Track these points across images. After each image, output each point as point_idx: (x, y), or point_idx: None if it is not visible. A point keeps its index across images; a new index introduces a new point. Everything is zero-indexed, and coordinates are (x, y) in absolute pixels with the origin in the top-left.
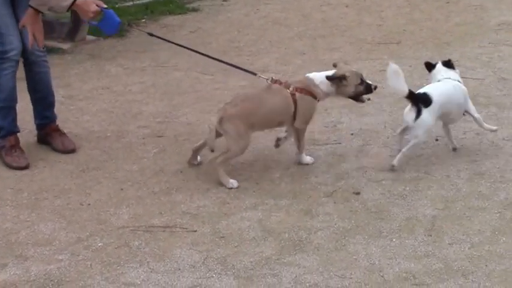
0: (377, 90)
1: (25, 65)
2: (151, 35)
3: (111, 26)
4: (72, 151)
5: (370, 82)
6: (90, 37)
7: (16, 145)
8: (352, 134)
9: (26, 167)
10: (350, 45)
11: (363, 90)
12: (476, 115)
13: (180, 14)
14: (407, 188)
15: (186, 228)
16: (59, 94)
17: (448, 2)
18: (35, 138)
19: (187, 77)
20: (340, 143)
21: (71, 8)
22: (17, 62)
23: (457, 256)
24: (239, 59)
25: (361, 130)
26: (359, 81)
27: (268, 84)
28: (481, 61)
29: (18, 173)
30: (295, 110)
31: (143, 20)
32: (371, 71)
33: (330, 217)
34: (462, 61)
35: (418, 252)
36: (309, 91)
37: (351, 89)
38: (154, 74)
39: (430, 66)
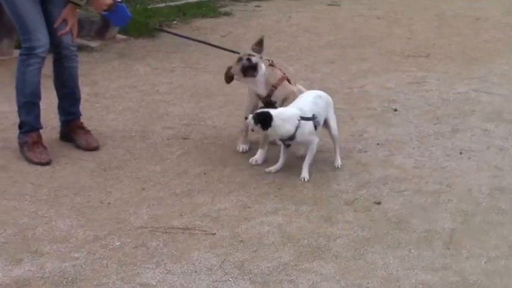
0: (404, 102)
1: (56, 60)
2: (156, 29)
3: (121, 19)
4: (95, 149)
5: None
6: (120, 36)
7: (39, 141)
8: (377, 144)
9: (47, 163)
10: (379, 56)
11: None
12: None
13: (212, 17)
14: (428, 200)
15: (205, 231)
16: (84, 92)
17: (477, 19)
18: (58, 135)
19: (216, 79)
20: (365, 152)
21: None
22: (44, 58)
23: (474, 270)
24: None
25: (387, 140)
26: None
27: None
28: (508, 78)
29: (40, 168)
30: None
31: (175, 22)
32: (399, 82)
33: (349, 225)
34: (489, 77)
35: (436, 265)
36: None
37: None
38: (183, 75)
39: None
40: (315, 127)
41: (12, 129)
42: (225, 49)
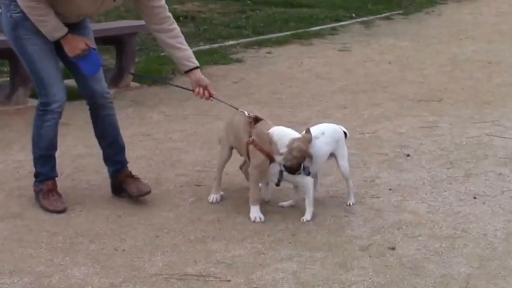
0: (416, 147)
1: (91, 110)
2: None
3: (93, 66)
4: (148, 193)
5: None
6: (134, 84)
7: (53, 189)
8: (390, 189)
9: (62, 211)
10: (391, 101)
11: None
12: None
13: (223, 64)
14: (444, 245)
15: (220, 278)
16: None
17: (489, 63)
18: (72, 182)
19: None
20: (378, 197)
21: (59, 39)
22: (60, 113)
23: None
24: (281, 110)
25: (399, 186)
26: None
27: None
28: None
29: (55, 216)
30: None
31: None
32: (412, 127)
33: (364, 271)
34: (502, 121)
35: None
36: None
37: None
38: (196, 122)
39: None
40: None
41: (27, 178)
42: (227, 104)
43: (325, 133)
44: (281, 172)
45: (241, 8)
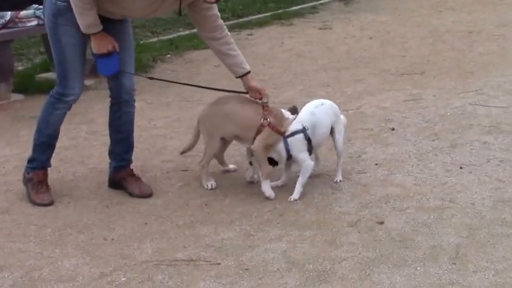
0: (401, 120)
1: (114, 104)
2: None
3: (109, 68)
4: (150, 196)
5: None
6: None
7: (44, 181)
8: (376, 164)
9: (50, 204)
10: (374, 76)
11: None
12: None
13: (204, 48)
14: (432, 217)
15: (210, 261)
16: (83, 130)
17: (470, 32)
18: (59, 174)
19: None
20: (364, 173)
21: (90, 35)
22: (71, 105)
23: (482, 284)
24: None
25: (385, 160)
26: None
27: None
28: (504, 89)
29: (43, 209)
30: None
31: (168, 56)
32: (395, 101)
33: (354, 247)
34: (485, 89)
35: (443, 281)
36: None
37: None
38: (179, 108)
39: None
40: (308, 140)
41: (13, 173)
42: (231, 91)
43: (324, 104)
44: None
45: None
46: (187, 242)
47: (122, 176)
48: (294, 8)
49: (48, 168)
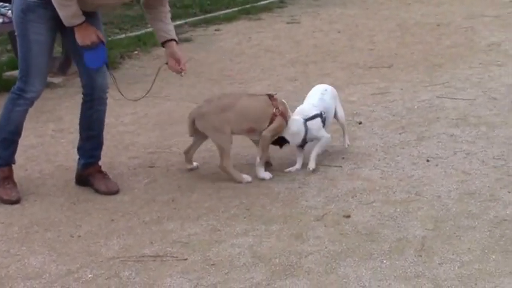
0: (368, 114)
1: (86, 101)
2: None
3: (96, 60)
4: (116, 193)
5: None
6: None
7: (9, 177)
8: (343, 158)
9: (16, 201)
10: (342, 70)
11: None
12: None
13: None
14: (398, 210)
15: (177, 257)
16: (50, 128)
17: (438, 25)
18: (26, 172)
19: (179, 107)
20: (331, 167)
21: (74, 27)
22: (33, 102)
23: (447, 276)
24: (232, 87)
25: (352, 154)
26: None
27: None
28: (471, 82)
29: (9, 207)
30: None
31: (136, 52)
32: (363, 95)
33: (320, 241)
34: (453, 82)
35: (409, 273)
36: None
37: None
38: (147, 104)
39: None
40: (324, 123)
41: None
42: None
43: (328, 90)
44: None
45: None
46: (154, 238)
47: (89, 173)
48: (262, 2)
49: (15, 167)
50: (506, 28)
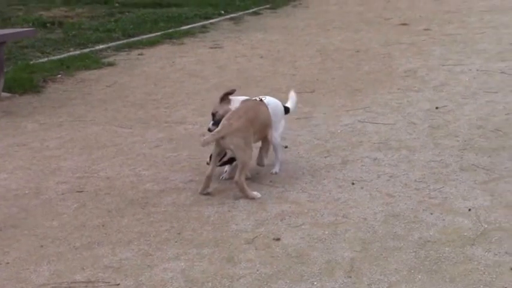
0: (294, 138)
1: None
2: None
3: None
4: None
5: None
6: (4, 94)
7: None
8: (271, 181)
9: None
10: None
11: None
12: None
13: (95, 68)
14: (326, 232)
15: (109, 282)
16: None
17: (357, 51)
18: None
19: (106, 130)
20: (260, 190)
21: None
22: None
23: None
24: (157, 111)
25: (279, 177)
26: None
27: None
28: (391, 106)
29: None
30: None
31: (59, 76)
32: (287, 119)
33: (251, 263)
34: (373, 107)
35: None
36: None
37: None
38: (72, 128)
39: None
40: None
41: None
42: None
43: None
44: None
45: (109, 11)
46: (85, 263)
47: None
48: (184, 27)
49: None
50: (421, 55)
